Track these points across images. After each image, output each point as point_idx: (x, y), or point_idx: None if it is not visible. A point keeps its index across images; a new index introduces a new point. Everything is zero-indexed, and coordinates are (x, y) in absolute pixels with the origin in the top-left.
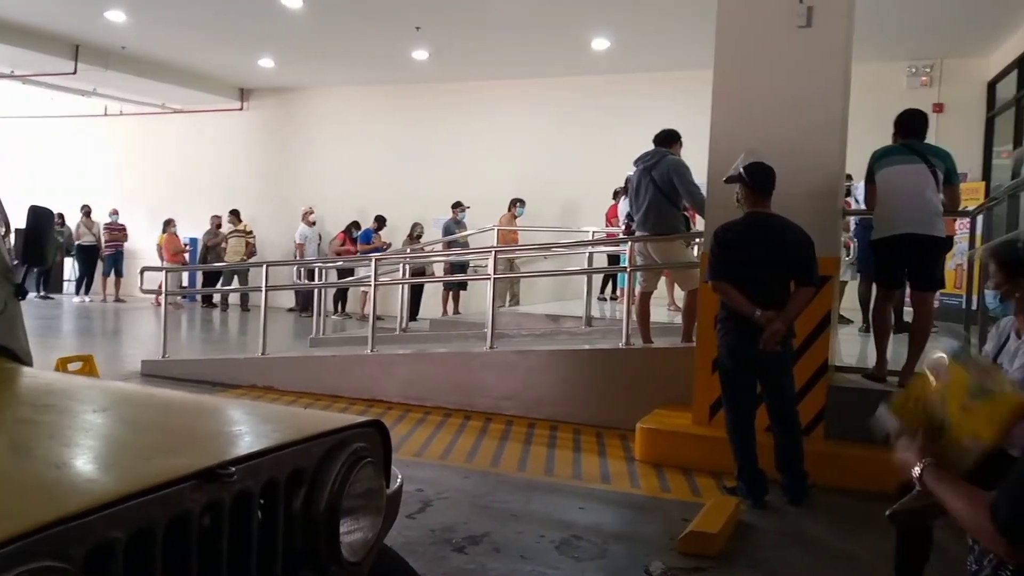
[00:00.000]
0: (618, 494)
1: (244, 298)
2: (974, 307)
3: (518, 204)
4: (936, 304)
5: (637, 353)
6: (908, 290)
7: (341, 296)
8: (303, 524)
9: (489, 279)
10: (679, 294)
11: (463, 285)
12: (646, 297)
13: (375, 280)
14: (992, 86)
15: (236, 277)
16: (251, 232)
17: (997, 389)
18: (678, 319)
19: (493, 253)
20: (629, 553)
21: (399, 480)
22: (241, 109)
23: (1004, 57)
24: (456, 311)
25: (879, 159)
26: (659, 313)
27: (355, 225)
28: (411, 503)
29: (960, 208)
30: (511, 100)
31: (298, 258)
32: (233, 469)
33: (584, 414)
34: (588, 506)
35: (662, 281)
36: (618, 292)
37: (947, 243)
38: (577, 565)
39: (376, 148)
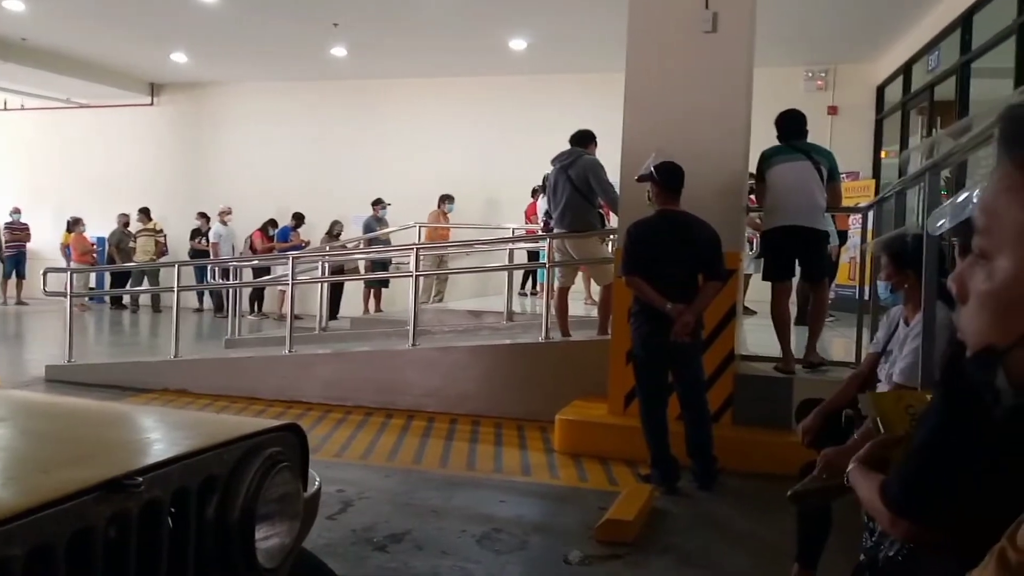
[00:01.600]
0: (538, 486)
1: (155, 299)
2: (867, 298)
3: (447, 201)
4: (832, 295)
5: (556, 346)
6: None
7: (258, 296)
8: (217, 532)
9: (411, 276)
10: (595, 289)
11: (384, 283)
12: (564, 292)
13: (293, 279)
14: (881, 90)
15: (146, 277)
16: (161, 231)
17: None
18: (594, 313)
19: (415, 250)
20: (548, 544)
21: (317, 483)
22: (152, 104)
23: (891, 63)
24: (378, 309)
25: (768, 158)
26: (577, 307)
27: (271, 223)
28: (331, 504)
29: (841, 204)
30: (431, 98)
31: (212, 258)
32: (140, 479)
33: (506, 408)
34: (509, 499)
35: (579, 276)
36: (538, 287)
37: (827, 236)
38: (498, 558)
39: (294, 146)
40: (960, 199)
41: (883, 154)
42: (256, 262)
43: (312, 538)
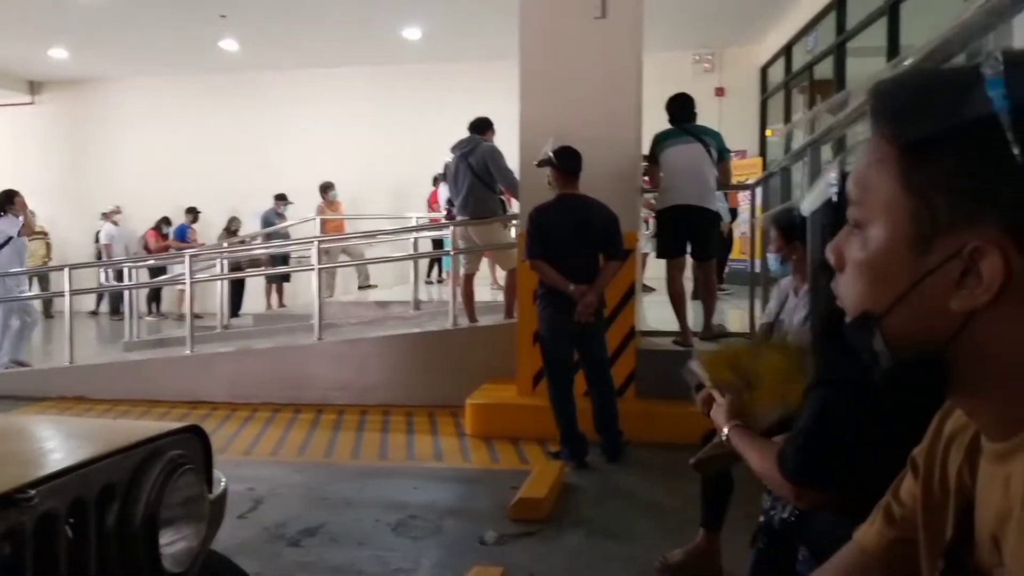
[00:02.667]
0: (451, 470)
1: (47, 304)
2: (759, 270)
3: (329, 189)
4: (727, 269)
5: (464, 332)
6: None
7: (155, 296)
8: (119, 540)
9: (314, 269)
10: (500, 273)
11: (286, 277)
12: (470, 278)
13: (190, 277)
14: (764, 71)
15: (36, 282)
16: (47, 234)
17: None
18: (501, 297)
19: (316, 243)
20: (464, 526)
21: (223, 483)
22: (32, 103)
23: (773, 45)
24: (281, 304)
25: (660, 141)
26: (483, 293)
27: (165, 221)
28: (242, 503)
29: (731, 182)
30: (328, 89)
31: (104, 259)
32: (33, 492)
33: (416, 396)
34: (423, 485)
35: (484, 262)
36: (444, 275)
37: (718, 216)
38: (414, 544)
39: (187, 142)
40: (820, 182)
41: (768, 132)
42: (152, 262)
43: (223, 538)
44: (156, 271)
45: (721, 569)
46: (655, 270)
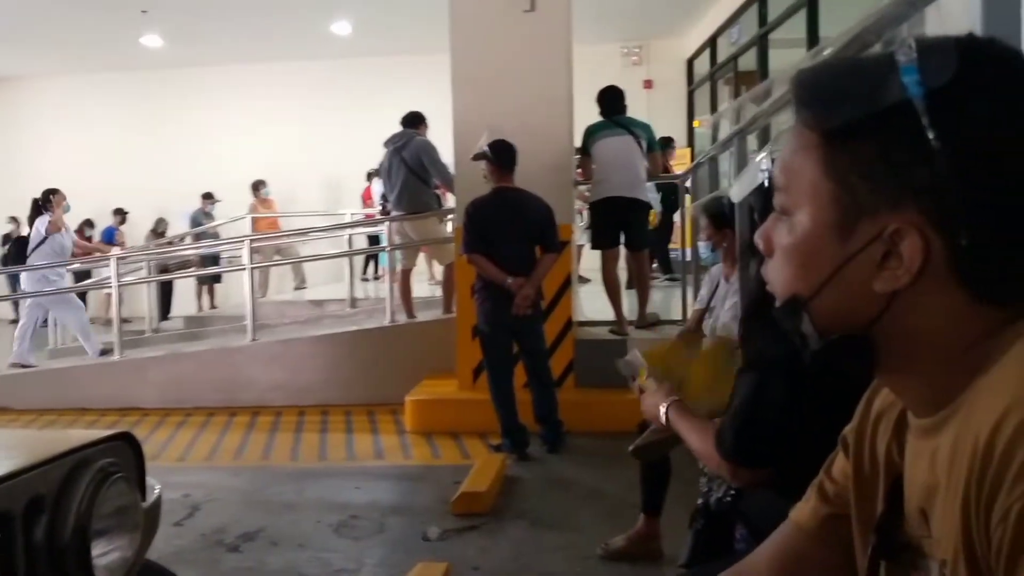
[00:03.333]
0: (393, 468)
1: None
2: (690, 258)
3: (261, 186)
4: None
5: (402, 329)
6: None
7: (81, 301)
8: (48, 554)
9: (245, 269)
10: (438, 268)
11: (217, 278)
12: (407, 274)
13: (117, 280)
14: (690, 63)
15: None
16: None
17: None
18: (439, 292)
19: (247, 242)
20: (407, 524)
21: (157, 491)
22: None
23: (698, 37)
24: (212, 306)
25: (592, 133)
26: (421, 288)
27: (88, 223)
28: (178, 510)
29: (661, 173)
30: (256, 85)
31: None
32: None
33: (355, 395)
34: (364, 485)
35: (421, 257)
36: (380, 271)
37: (649, 207)
38: (356, 544)
39: (111, 141)
40: (748, 170)
41: (696, 123)
42: (76, 265)
43: (159, 547)
44: (80, 275)
45: (662, 552)
46: (590, 261)
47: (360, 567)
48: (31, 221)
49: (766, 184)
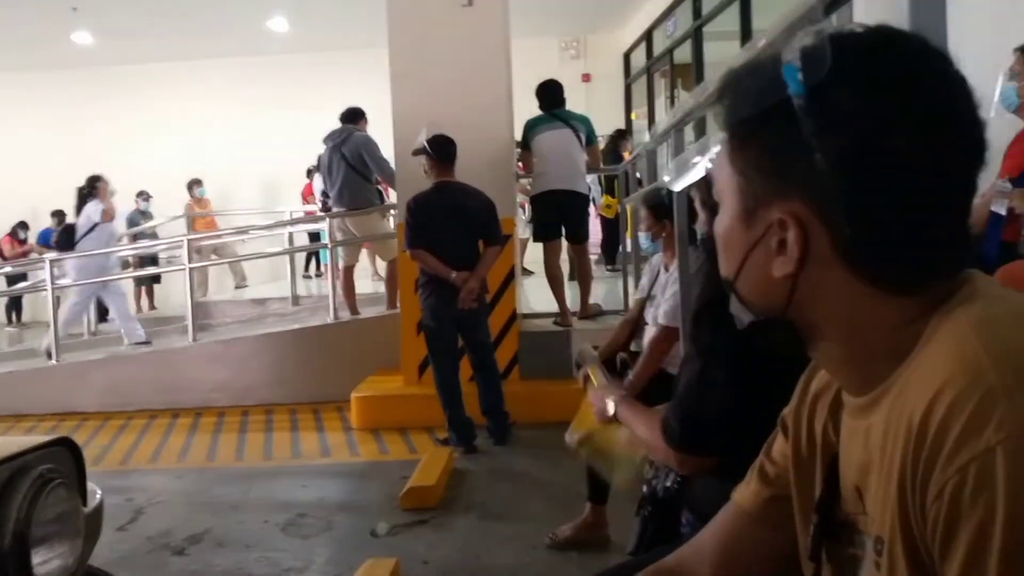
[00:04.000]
0: (339, 465)
1: None
2: (631, 249)
3: (196, 185)
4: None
5: (346, 326)
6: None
7: (15, 305)
8: None
9: (184, 269)
10: (381, 264)
11: (156, 279)
12: (349, 271)
13: (52, 284)
14: (627, 56)
15: None
16: None
17: None
18: (382, 288)
19: (186, 241)
20: (355, 521)
21: (98, 496)
22: None
23: (635, 31)
24: (152, 307)
25: (532, 127)
26: (364, 284)
27: (22, 226)
28: (121, 515)
29: (600, 165)
30: (193, 83)
31: None
32: None
33: (300, 393)
34: (311, 483)
35: (364, 253)
36: (322, 268)
37: (588, 199)
38: (304, 543)
39: (42, 141)
40: (679, 159)
41: (634, 116)
42: (9, 269)
43: (102, 553)
44: (14, 278)
45: (609, 540)
46: (534, 254)
47: (308, 565)
48: (78, 210)
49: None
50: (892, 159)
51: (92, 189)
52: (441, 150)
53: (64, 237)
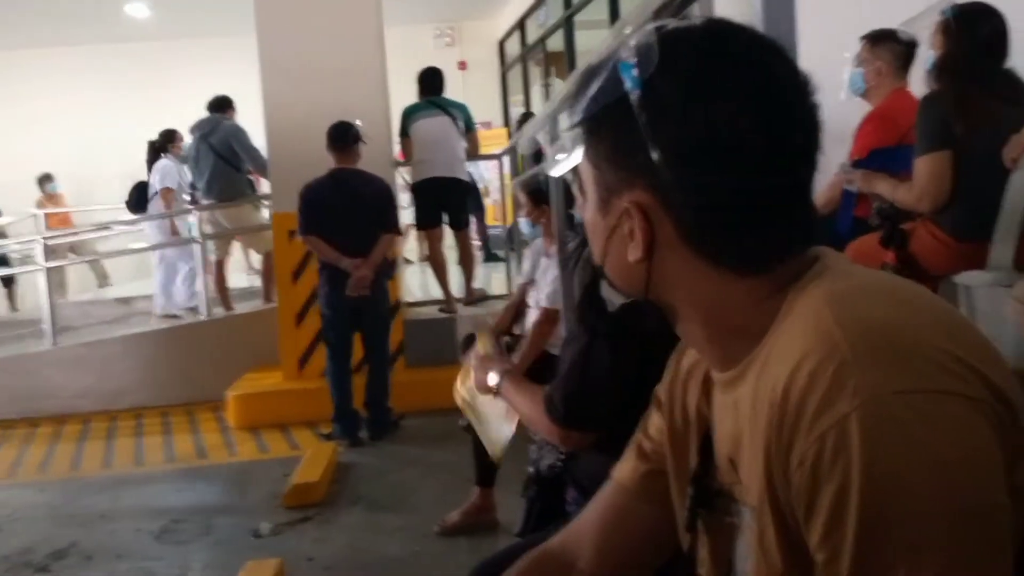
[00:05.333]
0: (217, 467)
1: None
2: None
3: (47, 180)
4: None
5: (220, 322)
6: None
7: None
8: None
9: (40, 269)
10: (255, 257)
11: (10, 280)
12: (221, 265)
13: None
14: (502, 44)
15: None
16: None
17: None
18: (258, 282)
19: (40, 240)
20: (235, 522)
21: None
22: None
23: (508, 19)
24: (14, 308)
25: (410, 114)
26: (238, 279)
27: None
28: None
29: (480, 153)
30: (44, 71)
31: None
32: None
33: (172, 395)
34: (186, 487)
35: (237, 247)
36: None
37: (469, 186)
38: (180, 549)
39: None
40: (556, 145)
41: (511, 103)
42: None
43: None
44: None
45: (497, 522)
46: (413, 242)
47: (186, 572)
48: (149, 165)
49: None
50: (723, 147)
51: (168, 142)
52: (334, 136)
53: (136, 195)
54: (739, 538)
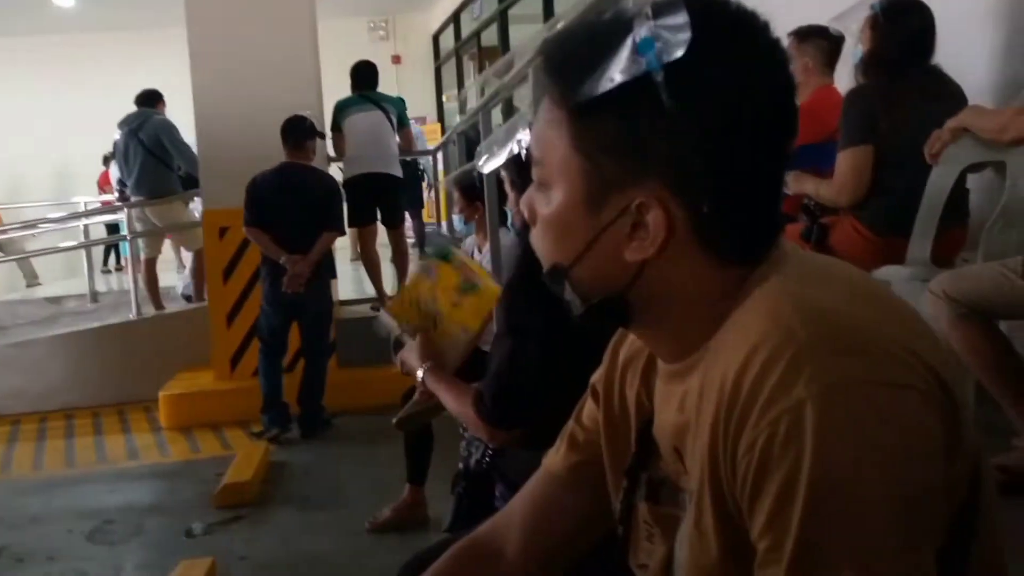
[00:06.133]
0: (148, 467)
1: None
2: (446, 231)
3: None
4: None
5: (151, 322)
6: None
7: None
8: None
9: None
10: (187, 255)
11: None
12: (152, 263)
13: None
14: (436, 39)
15: None
16: None
17: (481, 284)
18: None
19: None
20: (167, 523)
21: None
22: None
23: (442, 13)
24: None
25: (342, 109)
26: (169, 278)
27: None
28: None
29: (413, 148)
30: None
31: None
32: None
33: (103, 395)
34: (118, 487)
35: (167, 245)
36: (123, 262)
37: (403, 182)
38: (113, 550)
39: None
40: (488, 140)
41: (445, 98)
42: None
43: None
44: None
45: (428, 519)
46: (342, 240)
47: (118, 573)
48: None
49: (523, 155)
50: (751, 131)
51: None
52: (284, 131)
53: None
54: (681, 526)
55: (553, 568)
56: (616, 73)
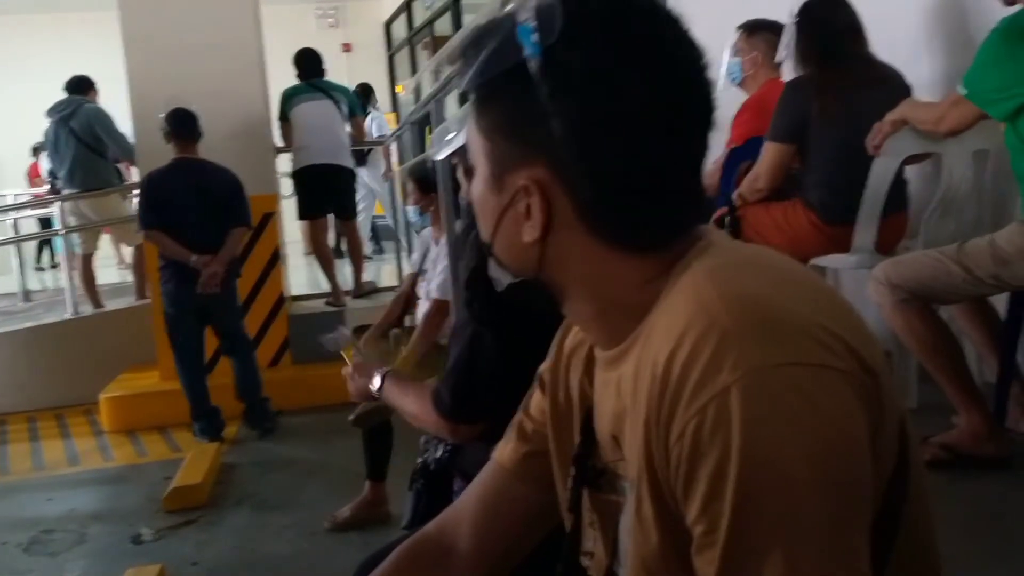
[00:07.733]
0: (90, 473)
1: None
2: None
3: None
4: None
5: (89, 320)
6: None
7: None
8: None
9: None
10: (127, 251)
11: None
12: (88, 259)
13: None
14: (388, 27)
15: None
16: None
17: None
18: (130, 277)
19: None
20: (113, 529)
21: None
22: None
23: (394, 1)
24: None
25: (289, 97)
26: (109, 274)
27: None
28: None
29: (365, 138)
30: None
31: None
32: None
33: (39, 399)
34: (57, 495)
35: (105, 240)
36: (57, 258)
37: (354, 173)
38: (54, 560)
39: None
40: (440, 128)
41: (398, 88)
42: None
43: None
44: None
45: (390, 515)
46: (294, 233)
47: None
48: None
49: None
50: (625, 122)
51: (372, 94)
52: (177, 124)
53: None
54: (623, 514)
55: (506, 561)
56: (500, 59)
